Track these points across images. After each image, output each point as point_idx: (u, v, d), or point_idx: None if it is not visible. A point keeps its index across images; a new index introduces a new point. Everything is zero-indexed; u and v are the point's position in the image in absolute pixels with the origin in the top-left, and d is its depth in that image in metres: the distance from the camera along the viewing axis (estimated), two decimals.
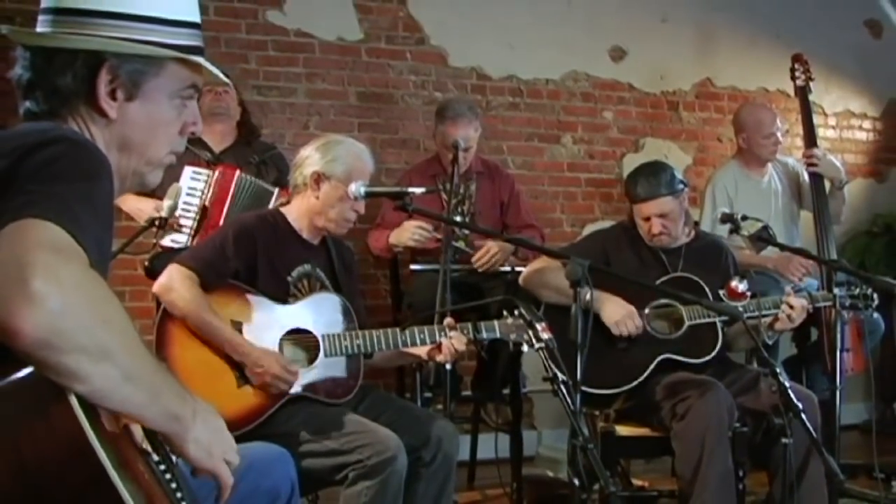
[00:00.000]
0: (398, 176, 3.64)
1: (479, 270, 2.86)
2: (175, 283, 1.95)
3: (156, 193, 2.60)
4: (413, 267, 3.10)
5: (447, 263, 2.63)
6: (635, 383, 2.46)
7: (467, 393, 3.32)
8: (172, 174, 2.60)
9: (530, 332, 1.80)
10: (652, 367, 2.49)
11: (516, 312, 1.94)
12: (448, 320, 2.11)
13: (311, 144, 2.18)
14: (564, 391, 1.71)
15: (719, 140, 4.28)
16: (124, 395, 0.85)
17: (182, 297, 1.94)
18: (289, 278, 2.09)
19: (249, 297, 2.02)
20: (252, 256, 2.04)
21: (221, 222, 2.65)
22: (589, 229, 3.98)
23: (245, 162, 2.91)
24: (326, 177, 2.10)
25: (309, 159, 2.14)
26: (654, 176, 2.57)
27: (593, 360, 1.86)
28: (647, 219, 2.58)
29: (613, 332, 2.48)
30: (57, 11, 1.03)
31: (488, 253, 2.92)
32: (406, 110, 3.77)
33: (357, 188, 2.04)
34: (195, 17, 1.06)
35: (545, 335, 1.77)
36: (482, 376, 3.19)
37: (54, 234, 0.83)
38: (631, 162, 4.09)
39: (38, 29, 1.03)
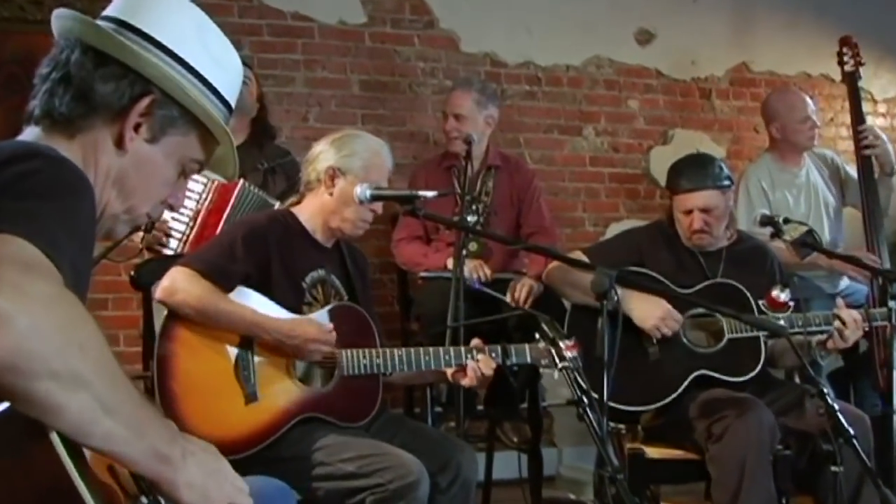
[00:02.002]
0: (406, 172, 3.62)
1: (519, 308, 2.87)
2: (179, 283, 1.94)
3: None
4: (423, 274, 3.11)
5: (460, 270, 2.62)
6: (667, 400, 2.45)
7: (481, 408, 3.30)
8: None
9: (553, 351, 1.81)
10: (686, 382, 2.47)
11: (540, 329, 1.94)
12: (476, 342, 2.11)
13: (325, 139, 2.18)
14: (591, 418, 1.71)
15: (756, 130, 4.24)
16: (105, 429, 0.82)
17: (191, 294, 1.92)
18: (303, 284, 2.09)
19: (260, 307, 2.01)
20: (264, 259, 2.03)
21: (227, 211, 2.62)
22: (613, 229, 3.98)
23: (251, 167, 2.88)
24: (342, 172, 2.10)
25: (323, 154, 2.14)
26: (700, 166, 2.56)
27: (622, 371, 1.85)
28: (689, 212, 2.55)
29: (651, 335, 2.46)
30: (123, 24, 1.05)
31: (524, 289, 2.91)
32: (414, 100, 3.76)
33: (363, 191, 2.04)
34: (233, 103, 1.11)
35: (570, 354, 1.77)
36: (498, 391, 3.14)
37: (25, 250, 0.82)
38: (659, 155, 4.10)
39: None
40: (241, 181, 2.71)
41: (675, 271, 2.56)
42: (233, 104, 1.11)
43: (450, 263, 2.88)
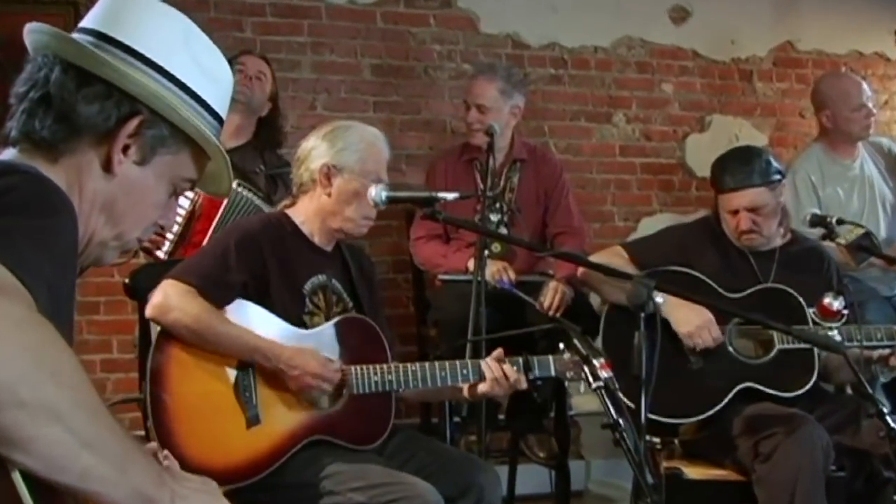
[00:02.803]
0: (421, 163, 3.62)
1: (551, 315, 2.83)
2: (173, 300, 1.90)
3: None
4: (442, 277, 3.05)
5: (482, 274, 2.56)
6: (709, 413, 2.39)
7: (503, 417, 3.23)
8: None
9: (586, 369, 1.76)
10: (731, 395, 2.42)
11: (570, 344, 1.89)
12: (498, 352, 2.08)
13: (314, 134, 2.13)
14: (629, 443, 1.66)
15: (801, 115, 4.16)
16: (83, 466, 0.79)
17: (186, 313, 1.89)
18: (303, 291, 2.06)
19: (258, 321, 1.98)
20: (260, 266, 2.00)
21: (205, 242, 2.55)
22: (645, 224, 3.93)
23: (250, 170, 2.83)
24: (338, 169, 2.06)
25: (315, 151, 2.09)
26: (745, 162, 2.50)
27: (660, 379, 1.83)
28: (735, 212, 2.51)
29: (686, 344, 2.41)
30: (103, 37, 1.04)
31: (555, 293, 2.85)
32: (430, 86, 3.71)
33: (378, 193, 2.00)
34: (224, 116, 1.11)
35: (604, 373, 1.72)
36: (521, 402, 3.09)
37: None
38: (695, 144, 4.04)
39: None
40: (234, 185, 2.63)
41: (723, 273, 2.51)
42: (224, 116, 1.12)
43: (471, 265, 2.85)
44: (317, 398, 2.00)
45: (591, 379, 1.75)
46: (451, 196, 2.03)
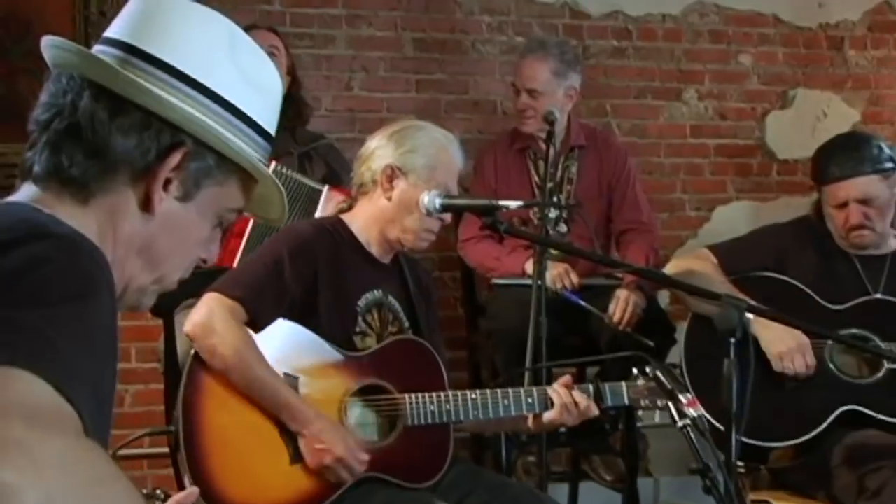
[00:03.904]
0: (469, 148, 3.49)
1: (621, 329, 2.78)
2: (217, 322, 1.87)
3: None
4: (496, 281, 3.01)
5: (542, 277, 2.51)
6: (804, 438, 2.34)
7: (563, 429, 3.23)
8: None
9: (671, 406, 1.73)
10: (831, 419, 2.34)
11: (649, 372, 1.86)
12: (566, 378, 2.06)
13: (381, 132, 2.10)
14: (720, 491, 1.62)
15: None
16: None
17: (227, 344, 1.87)
18: (357, 308, 2.04)
19: (302, 341, 1.96)
20: (312, 278, 1.97)
21: (248, 230, 2.55)
22: (720, 214, 3.85)
23: (283, 151, 2.80)
24: (402, 172, 2.03)
25: (379, 150, 2.06)
26: (854, 148, 2.43)
27: (750, 398, 1.81)
28: (843, 206, 2.42)
29: (775, 368, 2.35)
30: (133, 51, 0.99)
31: (626, 306, 2.78)
32: (479, 62, 3.65)
33: (431, 200, 1.94)
34: (274, 131, 1.06)
35: (692, 411, 1.69)
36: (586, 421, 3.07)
37: (30, 391, 0.76)
38: (777, 122, 3.92)
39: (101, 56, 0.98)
40: (273, 164, 2.60)
41: (823, 280, 2.43)
42: (274, 132, 1.06)
43: (528, 268, 2.81)
44: (367, 429, 1.97)
45: (676, 417, 1.71)
46: (514, 204, 1.99)
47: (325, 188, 2.67)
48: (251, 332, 1.91)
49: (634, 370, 2.05)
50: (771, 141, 3.92)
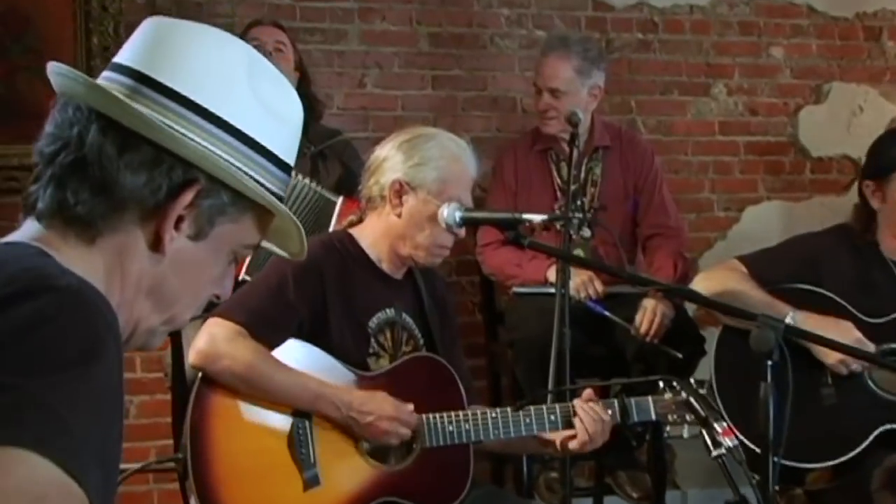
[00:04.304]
0: (488, 147, 3.53)
1: (648, 341, 2.74)
2: (222, 346, 1.86)
3: None
4: (517, 290, 2.97)
5: (565, 285, 2.47)
6: (842, 459, 2.31)
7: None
8: None
9: (705, 434, 1.74)
10: (870, 439, 2.31)
11: (679, 391, 1.90)
12: (587, 392, 2.05)
13: (389, 142, 2.06)
14: None
15: None
16: None
17: (237, 360, 1.86)
18: (368, 329, 2.03)
19: (314, 364, 1.95)
20: (320, 300, 1.96)
21: None
22: (750, 214, 3.82)
23: (297, 153, 2.77)
24: (412, 187, 2.00)
25: (388, 163, 2.03)
26: None
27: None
28: None
29: (835, 371, 2.32)
30: (145, 80, 0.96)
31: (654, 317, 2.74)
32: (497, 57, 3.61)
33: (451, 214, 1.94)
34: (293, 161, 1.05)
35: (728, 441, 1.70)
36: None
37: (35, 475, 0.74)
38: (810, 117, 3.87)
39: (109, 87, 0.96)
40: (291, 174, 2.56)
41: (860, 291, 2.39)
42: (293, 162, 1.05)
43: (551, 275, 2.79)
44: (384, 452, 1.96)
45: (710, 445, 1.71)
46: (538, 218, 1.98)
47: (340, 200, 2.64)
48: None
49: (661, 383, 2.05)
50: (804, 138, 3.88)
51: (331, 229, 2.55)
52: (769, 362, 1.70)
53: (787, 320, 2.25)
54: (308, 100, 2.92)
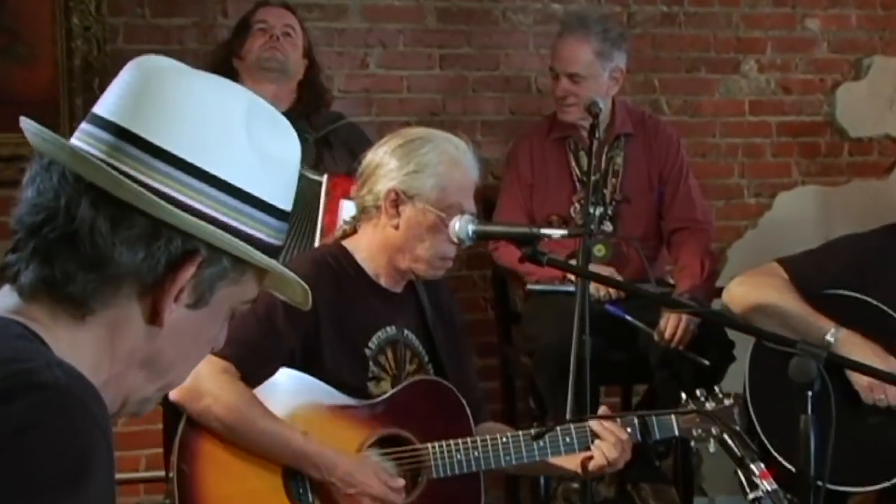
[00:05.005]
0: (501, 131, 3.53)
1: (671, 347, 2.70)
2: (205, 383, 1.83)
3: None
4: (532, 287, 2.93)
5: (585, 285, 2.43)
6: (887, 484, 2.28)
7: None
8: None
9: (741, 474, 1.70)
10: None
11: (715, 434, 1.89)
12: (603, 409, 2.07)
13: (383, 145, 2.02)
14: None
15: None
16: None
17: (222, 403, 1.84)
18: (367, 351, 2.00)
19: (311, 389, 1.94)
20: (312, 326, 1.93)
21: None
22: (783, 201, 3.78)
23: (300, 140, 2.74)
24: (409, 196, 1.96)
25: (381, 170, 1.99)
26: None
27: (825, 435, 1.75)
28: None
29: (864, 399, 2.28)
30: (128, 137, 0.92)
31: (679, 322, 2.69)
32: (510, 33, 3.56)
33: (463, 227, 1.90)
34: (290, 206, 1.02)
35: (767, 485, 1.66)
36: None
37: None
38: (848, 94, 3.81)
39: (87, 149, 0.92)
40: None
41: None
42: (290, 207, 1.03)
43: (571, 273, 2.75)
44: None
45: (746, 487, 1.68)
46: (557, 233, 1.96)
47: (325, 178, 2.54)
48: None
49: (683, 395, 2.04)
50: (842, 117, 3.82)
51: (320, 211, 2.51)
52: (809, 393, 1.65)
53: (829, 338, 2.22)
54: (316, 90, 2.92)
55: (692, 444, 2.08)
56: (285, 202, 1.01)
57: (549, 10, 3.53)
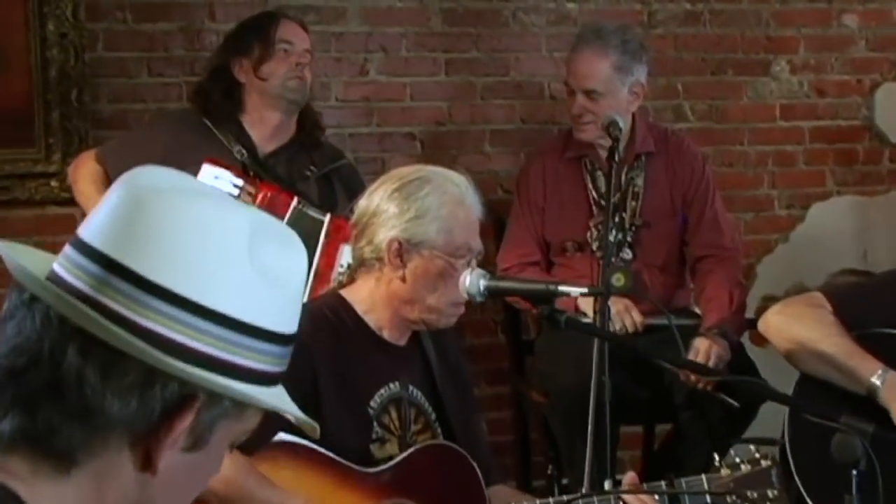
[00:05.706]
0: (511, 141, 3.54)
1: (700, 388, 2.66)
2: None
3: None
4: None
5: (605, 322, 2.41)
6: None
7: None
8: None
9: None
10: None
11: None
12: (630, 475, 1.98)
13: (377, 190, 2.00)
14: None
15: None
16: None
17: (217, 476, 1.75)
18: (370, 410, 1.99)
19: (311, 457, 1.91)
20: (310, 388, 1.90)
21: None
22: (817, 213, 3.76)
23: (300, 175, 2.80)
24: (414, 245, 1.94)
25: (379, 218, 1.97)
26: None
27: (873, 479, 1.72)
28: None
29: None
30: (116, 269, 0.88)
31: (707, 360, 2.63)
32: (521, 36, 3.54)
33: (474, 283, 1.88)
34: (294, 329, 0.98)
35: None
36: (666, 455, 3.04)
37: None
38: (888, 97, 3.79)
39: (72, 281, 0.89)
40: (295, 201, 2.61)
41: None
42: (294, 329, 1.00)
43: (582, 304, 2.74)
44: None
45: None
46: (577, 290, 1.95)
47: (327, 218, 2.58)
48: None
49: (716, 458, 2.00)
50: (881, 121, 3.81)
51: (318, 251, 2.53)
52: (854, 472, 1.62)
53: (875, 380, 2.15)
54: (311, 117, 2.91)
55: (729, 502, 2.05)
56: (290, 325, 0.98)
57: (563, 10, 3.50)
